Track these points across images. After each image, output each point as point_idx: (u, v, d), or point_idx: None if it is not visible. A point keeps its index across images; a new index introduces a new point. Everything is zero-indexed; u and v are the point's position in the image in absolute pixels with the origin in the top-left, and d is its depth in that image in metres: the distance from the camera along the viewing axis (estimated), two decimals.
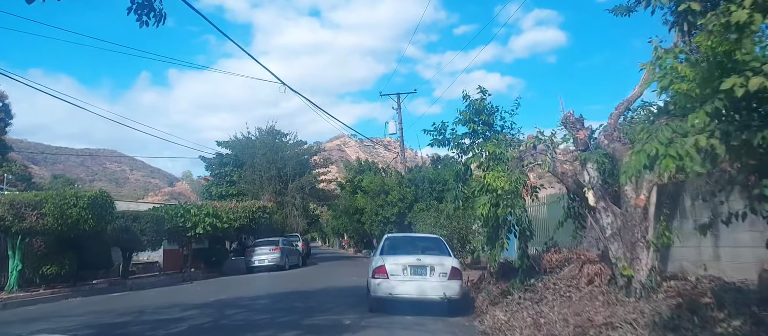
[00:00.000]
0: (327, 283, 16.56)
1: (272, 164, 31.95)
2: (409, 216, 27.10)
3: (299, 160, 33.35)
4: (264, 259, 24.22)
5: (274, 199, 31.28)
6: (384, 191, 27.91)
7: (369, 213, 28.62)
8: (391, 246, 10.42)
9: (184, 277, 21.70)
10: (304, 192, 33.17)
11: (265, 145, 32.75)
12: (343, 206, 42.98)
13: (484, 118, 9.11)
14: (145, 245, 18.78)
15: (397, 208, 26.97)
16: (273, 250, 24.47)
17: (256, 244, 25.09)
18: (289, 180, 32.57)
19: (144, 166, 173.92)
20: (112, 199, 16.50)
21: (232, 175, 33.72)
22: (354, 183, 33.84)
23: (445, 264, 9.45)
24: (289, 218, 31.95)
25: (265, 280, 19.20)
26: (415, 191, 27.36)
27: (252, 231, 27.00)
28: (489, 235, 9.17)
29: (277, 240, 25.39)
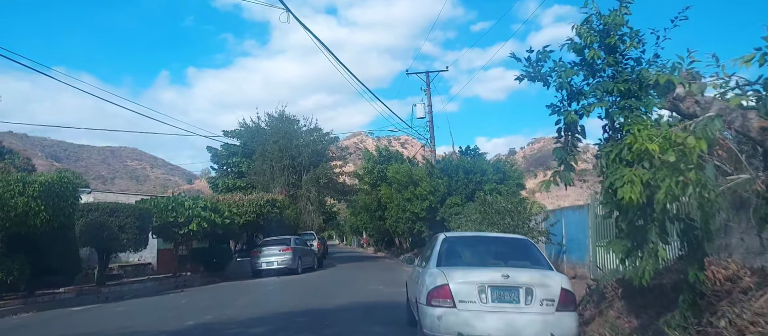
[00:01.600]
0: (349, 296, 12.85)
1: (284, 153, 28.35)
2: (441, 211, 23.30)
3: (314, 148, 29.69)
4: (273, 261, 20.63)
5: (287, 193, 27.73)
6: (412, 182, 24.15)
7: (394, 208, 24.88)
8: (453, 251, 6.65)
9: (177, 282, 18.20)
10: (319, 184, 29.53)
11: (277, 132, 29.17)
12: (363, 201, 39.31)
13: (613, 40, 5.41)
14: (125, 245, 15.28)
15: (428, 202, 23.19)
16: (283, 250, 20.86)
17: (263, 244, 21.52)
18: (304, 171, 28.94)
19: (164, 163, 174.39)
20: (75, 185, 12.99)
21: (241, 166, 30.21)
22: (374, 174, 30.08)
23: (549, 284, 5.65)
24: (303, 214, 28.35)
25: (272, 289, 15.59)
26: (447, 183, 23.54)
27: (260, 228, 23.47)
28: (628, 232, 5.37)
29: (288, 239, 21.78)
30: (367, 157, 30.56)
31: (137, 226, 15.55)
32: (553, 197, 55.47)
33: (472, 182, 23.25)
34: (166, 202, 17.56)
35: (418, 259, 8.23)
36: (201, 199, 18.59)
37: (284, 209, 24.14)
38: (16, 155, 51.49)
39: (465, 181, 23.33)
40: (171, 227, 17.49)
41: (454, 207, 22.93)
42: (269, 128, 29.91)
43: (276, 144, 28.44)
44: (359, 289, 14.68)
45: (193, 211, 17.67)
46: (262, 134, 29.83)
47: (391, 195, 26.03)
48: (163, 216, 17.16)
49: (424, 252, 7.86)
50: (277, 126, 29.58)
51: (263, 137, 29.50)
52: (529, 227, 14.67)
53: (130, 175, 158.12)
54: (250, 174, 29.07)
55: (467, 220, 16.68)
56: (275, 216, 22.98)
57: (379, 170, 29.91)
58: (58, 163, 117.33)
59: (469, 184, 23.29)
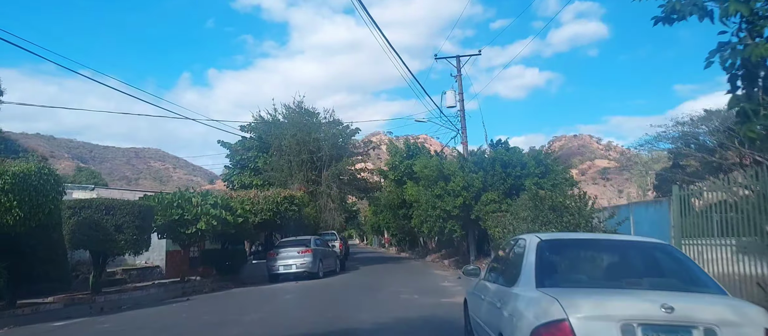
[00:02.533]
0: (381, 309, 10.69)
1: (303, 147, 26.33)
2: (475, 209, 21.05)
3: (334, 142, 27.58)
4: (291, 264, 18.59)
5: (306, 189, 25.72)
6: (443, 177, 21.90)
7: (423, 205, 22.65)
8: (558, 264, 4.42)
9: (184, 288, 16.27)
10: (340, 181, 27.45)
11: (295, 124, 27.16)
12: (386, 199, 37.18)
13: None
14: (123, 246, 13.33)
15: (462, 199, 20.92)
16: (303, 252, 18.81)
17: (280, 245, 19.50)
18: (324, 166, 26.89)
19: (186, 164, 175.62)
20: (59, 178, 11.06)
21: (257, 162, 28.27)
22: (401, 169, 27.85)
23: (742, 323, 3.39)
24: (324, 212, 26.30)
25: (290, 298, 13.52)
26: (483, 177, 21.26)
27: (277, 227, 21.49)
28: None
29: (308, 239, 19.74)
30: (392, 151, 28.36)
31: (136, 226, 13.61)
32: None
33: (511, 177, 20.95)
34: (170, 199, 15.64)
35: (489, 272, 6.00)
36: (211, 196, 16.64)
37: (303, 207, 22.12)
38: (32, 154, 50.68)
39: (502, 175, 21.03)
40: (176, 226, 15.58)
41: (490, 204, 20.66)
42: (287, 121, 27.92)
43: (294, 138, 26.44)
44: (390, 298, 12.52)
45: (202, 209, 15.72)
46: (279, 127, 27.86)
47: (419, 192, 23.81)
48: (168, 214, 15.24)
49: (503, 261, 5.61)
50: (294, 118, 27.57)
51: (280, 131, 27.54)
52: (592, 226, 12.36)
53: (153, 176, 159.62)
54: (266, 170, 27.13)
55: (515, 218, 14.36)
56: (293, 214, 20.97)
57: (406, 165, 27.69)
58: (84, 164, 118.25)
59: (507, 178, 20.99)
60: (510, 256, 5.22)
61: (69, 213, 12.96)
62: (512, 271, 4.73)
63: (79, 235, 12.94)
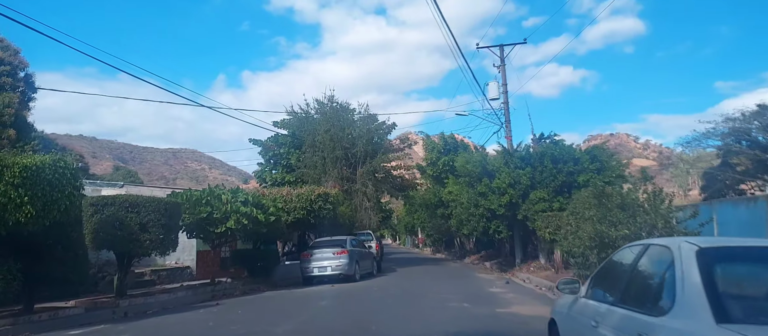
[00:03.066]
0: (430, 320, 9.37)
1: (337, 142, 25.19)
2: (523, 208, 19.51)
3: (369, 138, 26.34)
4: (326, 266, 17.46)
5: (341, 187, 24.60)
6: (487, 174, 20.42)
7: (465, 204, 21.21)
8: (737, 288, 2.97)
9: (214, 291, 15.30)
10: (376, 178, 26.21)
11: (328, 119, 26.07)
12: (422, 197, 35.76)
13: None
14: (148, 247, 12.37)
15: (508, 197, 19.41)
16: (338, 253, 17.66)
17: (315, 246, 18.40)
18: (359, 163, 25.70)
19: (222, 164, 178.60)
20: (76, 171, 10.13)
21: (290, 158, 27.31)
22: (439, 166, 26.43)
23: None
24: (359, 211, 25.13)
25: (326, 305, 12.33)
26: (531, 174, 19.70)
27: (311, 227, 20.41)
28: None
29: (344, 240, 18.58)
30: (430, 147, 26.99)
31: (163, 224, 12.64)
32: None
33: (562, 173, 19.32)
34: (199, 196, 14.67)
35: (597, 288, 4.56)
36: (241, 192, 15.62)
37: (338, 205, 20.97)
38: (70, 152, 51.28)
39: (553, 171, 19.42)
40: (205, 225, 14.60)
41: (539, 203, 19.09)
42: (319, 116, 26.84)
43: (327, 133, 25.34)
44: (438, 306, 11.20)
45: (232, 206, 14.71)
46: (312, 123, 26.82)
47: (460, 189, 22.36)
48: (196, 212, 14.27)
49: (623, 276, 4.15)
50: (327, 113, 26.46)
51: (313, 126, 26.49)
52: (672, 227, 10.74)
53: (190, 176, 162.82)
54: (299, 167, 26.13)
55: (577, 218, 12.80)
56: (328, 213, 19.84)
57: (445, 161, 26.24)
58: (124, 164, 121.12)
59: (557, 175, 19.37)
60: (639, 269, 3.80)
61: (91, 210, 12.08)
62: (650, 293, 3.36)
63: (102, 235, 12.05)
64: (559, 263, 18.09)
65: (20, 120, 23.32)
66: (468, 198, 20.93)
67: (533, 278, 17.58)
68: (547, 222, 18.02)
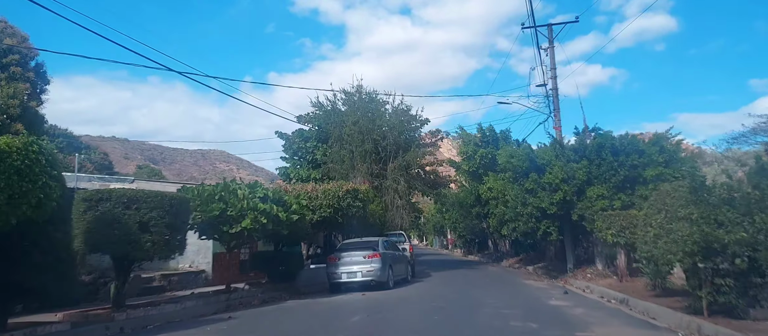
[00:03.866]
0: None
1: (367, 135, 23.09)
2: (579, 206, 17.14)
3: (401, 130, 24.15)
4: (356, 271, 15.41)
5: (371, 183, 22.53)
6: (536, 168, 18.09)
7: (510, 202, 18.88)
8: None
9: (229, 301, 13.37)
10: (409, 175, 24.04)
11: (356, 110, 23.99)
12: (456, 196, 33.46)
13: None
14: (149, 249, 10.45)
15: (561, 193, 17.07)
16: (369, 257, 15.60)
17: (343, 248, 16.38)
18: (390, 157, 23.57)
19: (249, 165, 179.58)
20: (53, 157, 8.24)
21: (316, 153, 25.35)
22: (475, 160, 24.11)
23: None
24: (390, 209, 23.00)
25: (357, 320, 10.22)
26: (587, 168, 17.31)
27: (338, 226, 18.40)
28: None
29: (376, 242, 16.50)
30: (466, 140, 24.65)
31: (167, 223, 10.72)
32: None
33: (624, 167, 16.89)
34: (211, 191, 12.73)
35: None
36: (260, 187, 13.63)
37: (368, 203, 18.89)
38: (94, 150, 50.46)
39: (613, 165, 17.01)
40: (218, 224, 12.66)
41: (598, 200, 16.71)
42: (347, 107, 24.78)
43: (356, 125, 23.25)
44: (500, 327, 8.96)
45: (248, 203, 12.74)
46: (339, 115, 24.78)
47: (504, 186, 20.02)
48: (208, 209, 12.33)
49: None
50: (355, 104, 24.38)
51: (340, 118, 24.46)
52: None
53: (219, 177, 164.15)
54: (326, 162, 24.13)
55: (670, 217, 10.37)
56: (358, 211, 17.79)
57: (482, 155, 23.90)
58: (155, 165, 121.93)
59: (618, 169, 16.95)
60: None
61: (83, 207, 10.25)
62: None
63: (95, 235, 10.20)
64: (623, 270, 15.72)
65: (29, 113, 21.80)
66: (514, 195, 18.60)
67: (594, 287, 15.26)
68: (609, 222, 15.62)
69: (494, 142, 23.95)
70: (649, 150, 16.89)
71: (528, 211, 18.02)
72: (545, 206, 17.42)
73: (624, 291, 13.70)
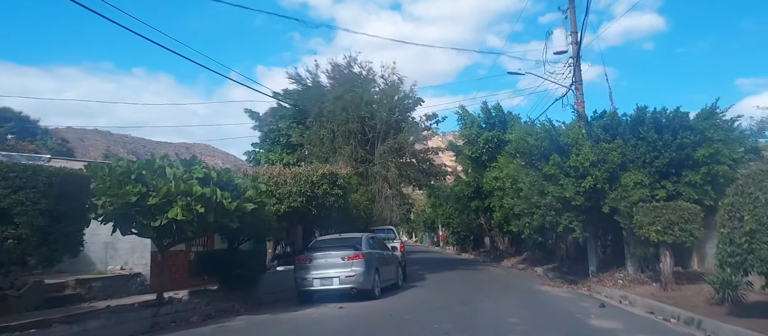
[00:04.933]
0: None
1: (352, 113, 19.48)
2: (611, 196, 13.77)
3: (392, 109, 20.52)
4: (332, 276, 11.94)
5: (355, 169, 18.99)
6: (558, 149, 14.65)
7: (525, 191, 15.40)
8: None
9: (157, 316, 9.82)
10: (400, 159, 20.50)
11: (341, 84, 20.35)
12: (453, 188, 30.13)
13: None
14: (13, 249, 6.90)
15: (590, 180, 13.67)
16: (350, 258, 12.12)
17: (316, 247, 12.88)
18: (379, 139, 19.99)
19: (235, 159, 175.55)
20: None
21: (291, 134, 21.66)
22: (478, 144, 20.64)
23: None
24: (378, 200, 19.44)
25: None
26: (622, 149, 13.94)
27: (313, 219, 14.89)
28: None
29: (359, 239, 13.02)
30: (467, 121, 21.10)
31: (43, 210, 7.14)
32: None
33: (669, 147, 13.50)
34: (126, 168, 9.12)
35: None
36: (200, 165, 10.04)
37: (350, 191, 15.39)
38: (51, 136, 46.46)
39: (656, 145, 13.62)
40: (135, 213, 9.07)
41: (636, 189, 13.35)
42: (332, 82, 21.09)
43: (339, 100, 19.64)
44: None
45: (179, 185, 9.16)
46: (320, 90, 21.13)
47: (516, 171, 16.54)
48: (119, 192, 8.73)
49: None
50: (342, 78, 20.73)
51: (321, 96, 20.83)
52: None
53: None
54: (303, 144, 20.50)
55: None
56: (336, 201, 14.28)
57: (487, 139, 20.40)
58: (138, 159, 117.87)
59: (663, 150, 13.57)
60: None
61: None
62: None
63: None
64: (668, 276, 12.43)
65: None
66: (530, 183, 15.13)
67: (633, 297, 12.02)
68: (653, 216, 12.31)
69: (501, 124, 20.47)
70: (700, 125, 13.50)
71: (547, 202, 14.58)
72: (570, 196, 14.00)
73: (678, 304, 10.43)
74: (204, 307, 11.05)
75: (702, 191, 13.11)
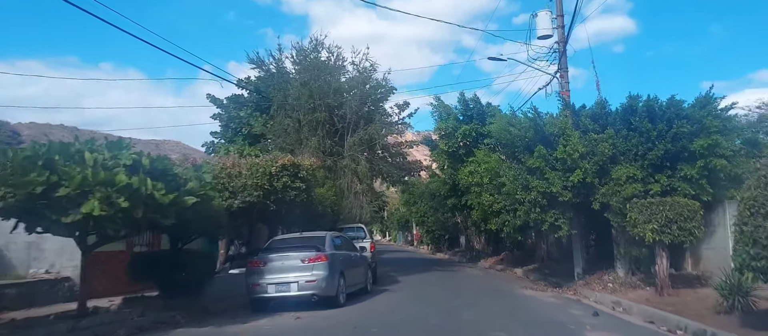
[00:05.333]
0: None
1: (320, 101, 17.88)
2: (601, 190, 12.56)
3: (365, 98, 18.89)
4: (290, 281, 10.39)
5: (322, 162, 17.40)
6: (543, 140, 13.35)
7: (508, 187, 14.04)
8: None
9: (73, 333, 8.13)
10: (374, 154, 18.94)
11: (307, 70, 18.69)
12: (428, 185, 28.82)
13: None
14: None
15: (579, 174, 12.40)
16: (311, 260, 10.58)
17: (272, 248, 11.29)
18: (348, 131, 18.40)
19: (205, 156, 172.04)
20: None
21: (254, 124, 19.89)
22: (455, 138, 19.32)
23: None
24: (347, 196, 17.86)
25: None
26: (613, 140, 12.73)
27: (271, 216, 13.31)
28: None
29: (322, 238, 11.48)
30: (443, 113, 19.66)
31: None
32: None
33: (664, 138, 12.31)
34: (32, 153, 7.42)
35: None
36: (127, 151, 8.37)
37: (315, 185, 13.85)
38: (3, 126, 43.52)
39: (650, 135, 12.42)
40: (42, 207, 7.37)
41: (628, 184, 12.18)
42: (298, 68, 19.40)
43: (305, 87, 18.02)
44: None
45: (97, 174, 7.49)
46: (285, 76, 19.42)
47: (499, 165, 15.18)
48: (20, 181, 7.04)
49: None
50: (309, 64, 19.08)
51: (286, 80, 19.13)
52: None
53: None
54: (266, 135, 18.78)
55: None
56: (298, 195, 12.71)
57: (465, 133, 19.02)
58: None
59: (657, 141, 12.38)
60: None
61: None
62: None
63: None
64: (664, 279, 11.29)
65: None
66: (513, 176, 13.77)
67: (627, 303, 10.89)
68: (649, 214, 11.12)
69: (479, 116, 19.12)
70: (697, 114, 12.34)
71: (531, 198, 13.25)
72: (556, 191, 12.71)
73: (680, 312, 9.28)
74: (136, 319, 9.38)
75: (699, 186, 11.98)
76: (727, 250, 11.62)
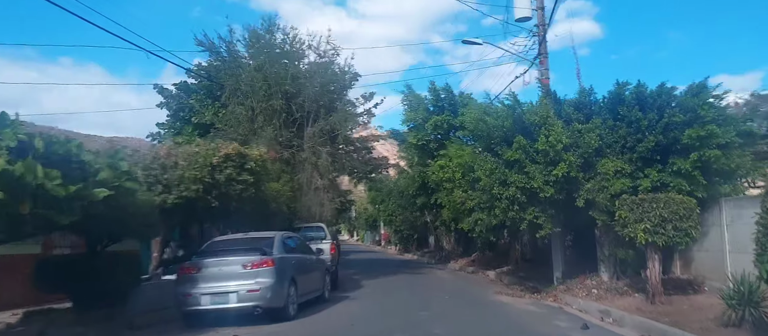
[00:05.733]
0: None
1: (276, 87, 16.10)
2: (586, 186, 11.30)
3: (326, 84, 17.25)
4: (228, 291, 8.73)
5: (278, 155, 15.68)
6: (523, 130, 11.99)
7: (483, 182, 12.62)
8: None
9: None
10: (334, 145, 17.34)
11: (261, 53, 16.90)
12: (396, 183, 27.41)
13: None
14: None
15: (563, 167, 11.09)
16: (254, 266, 8.93)
17: (208, 251, 9.62)
18: (308, 120, 16.73)
19: None
20: None
21: (204, 113, 18.01)
22: (426, 130, 17.83)
23: None
24: (307, 192, 16.19)
25: None
26: (599, 131, 11.50)
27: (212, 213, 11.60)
28: None
29: (269, 239, 9.86)
30: (414, 102, 18.14)
31: None
32: None
33: (655, 128, 11.11)
34: None
35: None
36: (13, 128, 6.61)
37: (266, 179, 12.18)
38: None
39: (640, 125, 11.20)
40: None
41: (616, 178, 10.96)
42: (252, 51, 17.64)
43: (259, 72, 16.28)
44: None
45: None
46: (237, 60, 17.60)
47: (474, 159, 13.76)
48: None
49: None
50: (264, 47, 17.34)
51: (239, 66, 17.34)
52: None
53: None
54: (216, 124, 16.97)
55: None
56: (246, 190, 11.03)
57: (436, 124, 17.54)
58: None
59: (647, 132, 11.18)
60: None
61: None
62: None
63: None
64: (656, 285, 10.10)
65: None
66: (489, 170, 12.36)
67: (618, 313, 9.71)
68: (641, 212, 9.91)
69: (451, 107, 17.70)
70: (690, 102, 11.18)
71: (510, 194, 11.88)
72: (538, 186, 11.36)
73: (680, 324, 8.11)
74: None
75: (692, 181, 10.81)
76: (723, 252, 10.56)
